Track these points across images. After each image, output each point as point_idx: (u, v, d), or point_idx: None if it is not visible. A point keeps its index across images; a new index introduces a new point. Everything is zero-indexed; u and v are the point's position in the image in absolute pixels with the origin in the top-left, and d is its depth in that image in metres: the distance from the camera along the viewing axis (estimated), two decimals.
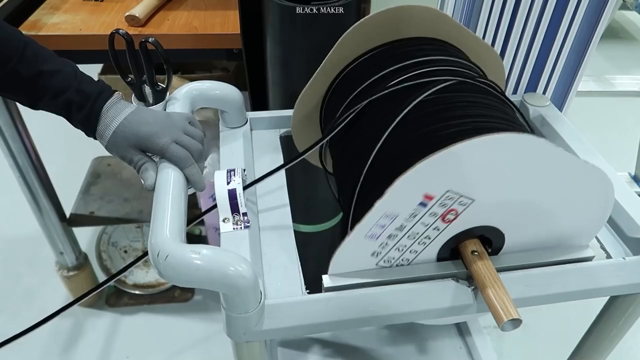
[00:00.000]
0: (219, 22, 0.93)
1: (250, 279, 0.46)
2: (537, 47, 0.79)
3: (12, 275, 1.56)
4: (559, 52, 0.80)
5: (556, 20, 0.76)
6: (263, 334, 0.50)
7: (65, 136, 1.52)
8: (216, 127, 0.72)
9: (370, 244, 0.49)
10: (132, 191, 1.36)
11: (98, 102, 0.57)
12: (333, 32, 0.67)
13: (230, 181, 0.58)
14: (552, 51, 0.80)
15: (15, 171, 1.12)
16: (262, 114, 0.75)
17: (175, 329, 1.40)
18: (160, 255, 0.45)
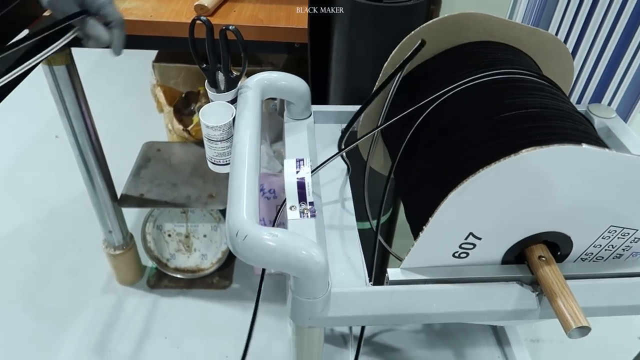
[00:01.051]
0: (284, 15, 0.94)
1: (322, 265, 0.47)
2: (607, 57, 0.78)
3: (58, 250, 1.63)
4: (629, 64, 0.79)
5: (629, 31, 0.74)
6: (328, 320, 0.51)
7: (119, 120, 1.58)
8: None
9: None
10: (181, 177, 1.40)
11: None
12: (400, 31, 0.67)
13: (299, 170, 0.59)
14: (621, 62, 0.79)
15: (75, 149, 1.17)
16: (326, 108, 0.76)
17: (212, 315, 1.43)
18: (239, 235, 0.47)
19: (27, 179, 1.89)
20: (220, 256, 1.49)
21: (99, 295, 1.49)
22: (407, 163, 0.62)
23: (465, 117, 0.53)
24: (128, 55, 2.59)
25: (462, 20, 0.63)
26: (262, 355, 1.34)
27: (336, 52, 0.80)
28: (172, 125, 1.54)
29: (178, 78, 1.65)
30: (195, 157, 1.47)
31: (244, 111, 0.63)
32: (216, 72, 0.67)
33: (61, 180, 1.88)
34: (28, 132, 2.08)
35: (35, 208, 1.78)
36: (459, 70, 0.60)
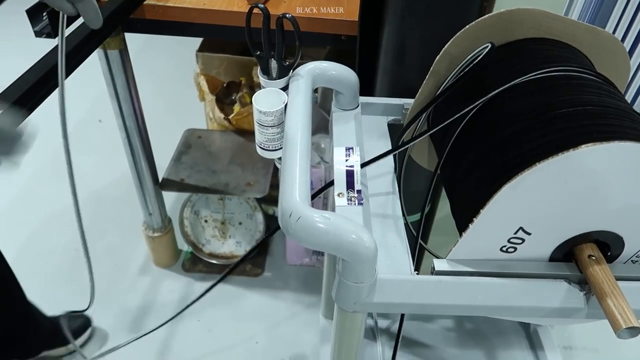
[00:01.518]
0: (333, 7, 0.95)
1: (372, 250, 0.48)
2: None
3: (98, 231, 1.68)
4: None
5: None
6: (372, 306, 0.52)
7: (160, 106, 1.61)
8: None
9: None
10: (220, 164, 1.43)
11: None
12: (453, 25, 0.67)
13: (348, 158, 0.60)
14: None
15: (123, 132, 1.20)
16: (373, 100, 0.77)
17: (244, 301, 1.46)
18: (292, 217, 0.48)
19: (72, 161, 1.96)
20: (254, 244, 1.52)
21: (136, 275, 1.54)
22: (456, 156, 0.62)
23: (520, 112, 0.53)
24: (172, 44, 2.66)
25: (518, 16, 0.62)
26: (291, 343, 1.36)
27: (385, 44, 0.81)
28: (213, 114, 1.57)
29: (220, 68, 1.68)
30: (234, 145, 1.50)
31: (296, 98, 0.64)
32: (269, 59, 0.68)
33: (103, 163, 1.94)
34: (72, 116, 2.14)
35: (78, 189, 1.84)
36: (514, 66, 0.60)
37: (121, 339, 1.35)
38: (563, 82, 0.56)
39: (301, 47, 0.66)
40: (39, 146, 1.00)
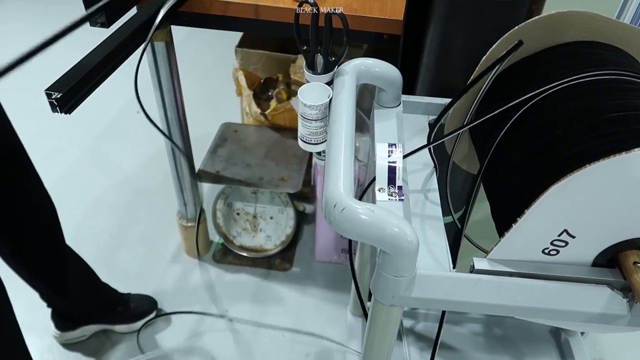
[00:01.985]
0: (377, 6, 0.96)
1: (414, 244, 0.48)
2: None
3: (133, 218, 1.73)
4: None
5: None
6: (410, 300, 0.52)
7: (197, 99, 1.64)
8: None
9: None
10: (255, 158, 1.45)
11: None
12: (500, 26, 0.67)
13: (390, 154, 0.61)
14: None
15: (163, 122, 1.23)
16: (415, 99, 0.77)
17: (271, 294, 1.48)
18: (337, 207, 0.49)
19: (109, 150, 2.02)
20: (284, 239, 1.54)
21: (168, 263, 1.57)
22: (499, 157, 0.62)
23: (570, 115, 0.53)
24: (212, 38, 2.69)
25: (568, 18, 0.62)
26: (317, 338, 1.37)
27: (430, 44, 0.81)
28: (249, 109, 1.59)
29: (258, 64, 1.70)
30: (269, 140, 1.52)
31: (342, 93, 0.65)
32: (315, 54, 0.69)
33: (140, 153, 1.99)
34: (112, 107, 2.21)
35: (115, 177, 1.89)
36: (562, 68, 0.59)
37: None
38: (613, 86, 0.55)
39: (348, 44, 0.67)
40: (78, 135, 1.04)
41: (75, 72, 0.67)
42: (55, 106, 0.64)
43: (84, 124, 2.10)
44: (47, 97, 0.63)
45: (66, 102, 0.65)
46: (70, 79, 0.66)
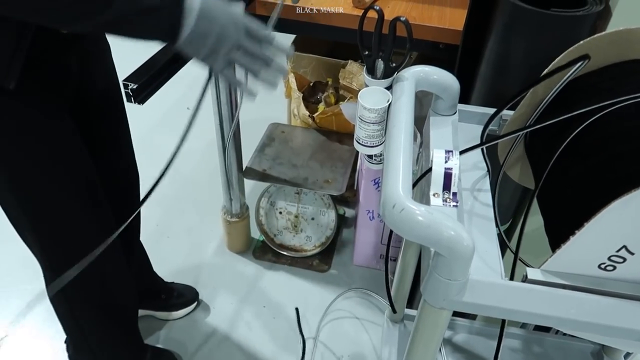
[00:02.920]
0: (436, 15, 0.97)
1: (470, 248, 0.49)
2: None
3: (179, 210, 1.79)
4: None
5: None
6: (461, 305, 0.53)
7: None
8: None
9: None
10: (301, 159, 1.48)
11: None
12: (563, 40, 0.67)
13: (447, 160, 0.62)
14: None
15: (217, 118, 1.28)
16: (471, 108, 0.78)
17: (308, 294, 1.50)
18: (395, 208, 0.50)
19: (159, 143, 2.09)
20: (323, 240, 1.56)
21: (209, 256, 1.62)
22: (556, 170, 0.62)
23: (635, 131, 0.52)
24: None
25: (635, 35, 0.61)
26: (351, 342, 1.38)
27: (488, 55, 0.81)
28: (297, 110, 1.63)
29: (308, 67, 1.73)
30: (315, 143, 1.55)
31: (401, 98, 0.66)
32: (376, 60, 0.71)
33: (189, 148, 2.04)
34: (164, 103, 2.29)
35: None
36: (628, 85, 0.59)
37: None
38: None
39: (410, 51, 0.68)
40: (132, 127, 1.10)
41: (150, 65, 0.71)
42: (131, 96, 0.68)
43: (138, 117, 2.17)
44: (124, 87, 0.67)
45: (140, 93, 0.68)
46: (145, 72, 0.70)
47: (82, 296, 1.02)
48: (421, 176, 0.67)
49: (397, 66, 0.70)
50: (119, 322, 1.13)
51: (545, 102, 0.67)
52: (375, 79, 0.71)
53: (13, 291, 1.48)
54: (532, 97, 0.67)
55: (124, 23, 0.60)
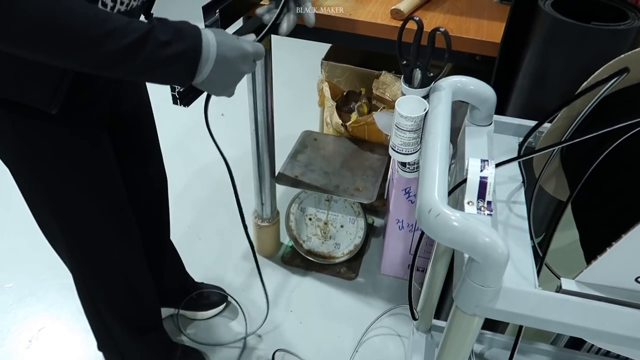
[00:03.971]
0: (473, 28, 0.98)
1: (504, 255, 0.49)
2: None
3: (211, 212, 1.83)
4: None
5: None
6: (494, 312, 0.54)
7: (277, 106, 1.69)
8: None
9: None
10: (332, 167, 1.50)
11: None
12: (603, 54, 0.67)
13: (483, 169, 0.62)
14: None
15: (252, 124, 1.31)
16: (507, 119, 0.78)
17: (335, 301, 1.51)
18: (431, 213, 0.51)
19: (194, 148, 2.15)
20: (352, 248, 1.57)
21: (239, 259, 1.65)
22: (593, 183, 0.62)
23: None
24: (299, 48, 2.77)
25: None
26: (376, 350, 1.38)
27: (526, 67, 0.82)
28: (330, 119, 1.65)
29: (342, 77, 1.76)
30: (347, 151, 1.56)
31: (438, 107, 0.67)
32: (414, 69, 0.72)
33: (227, 153, 2.10)
34: (199, 108, 2.35)
35: (198, 173, 2.01)
36: None
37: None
38: None
39: (448, 61, 0.69)
40: (167, 131, 1.14)
41: None
42: (177, 99, 0.71)
43: (174, 121, 2.24)
44: (171, 90, 0.71)
45: (185, 96, 0.72)
46: None
47: (108, 302, 1.08)
48: (455, 186, 0.68)
49: (434, 76, 0.72)
50: (145, 324, 1.17)
51: (583, 115, 0.67)
52: (413, 88, 0.73)
53: (52, 285, 1.54)
54: (569, 110, 0.67)
55: (146, 72, 0.65)
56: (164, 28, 0.64)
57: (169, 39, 0.63)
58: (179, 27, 0.65)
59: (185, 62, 0.66)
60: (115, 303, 1.09)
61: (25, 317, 1.46)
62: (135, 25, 0.62)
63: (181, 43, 0.64)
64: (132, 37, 0.61)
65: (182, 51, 0.65)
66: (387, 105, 1.58)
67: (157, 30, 0.63)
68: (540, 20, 0.78)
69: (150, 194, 1.15)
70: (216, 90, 0.74)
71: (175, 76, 0.67)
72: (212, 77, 0.69)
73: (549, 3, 0.78)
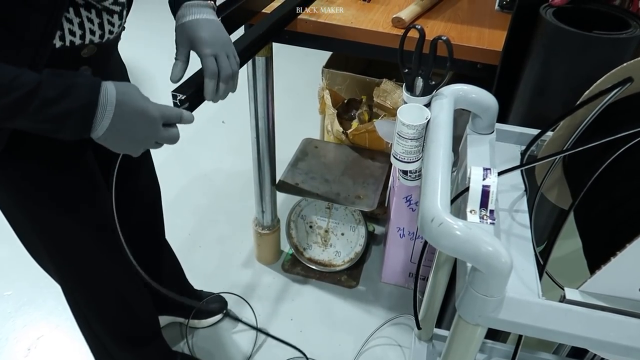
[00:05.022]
0: (474, 36, 0.98)
1: (508, 265, 0.49)
2: None
3: (211, 220, 1.82)
4: None
5: None
6: (497, 322, 0.53)
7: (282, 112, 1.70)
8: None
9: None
10: (333, 175, 1.49)
11: None
12: (606, 62, 0.67)
13: (485, 178, 0.62)
14: None
15: (253, 131, 1.31)
16: (509, 127, 0.78)
17: (336, 309, 1.50)
18: (434, 222, 0.51)
19: (195, 155, 2.15)
20: (352, 256, 1.56)
21: (239, 267, 1.64)
22: (596, 191, 0.62)
23: None
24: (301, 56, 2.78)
25: None
26: (377, 359, 1.37)
27: (528, 75, 0.82)
28: (331, 126, 1.65)
29: (343, 85, 1.76)
30: (348, 158, 1.56)
31: (440, 115, 0.67)
32: (416, 77, 0.72)
33: (222, 160, 2.10)
34: (200, 117, 2.35)
35: (199, 180, 2.01)
36: None
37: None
38: None
39: (450, 70, 0.69)
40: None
41: (196, 78, 0.74)
42: (179, 106, 0.71)
43: None
44: (173, 97, 0.71)
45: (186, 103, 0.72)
46: (192, 84, 0.73)
47: (100, 318, 1.07)
48: (457, 195, 0.68)
49: (436, 84, 0.71)
50: (141, 336, 1.16)
51: (585, 124, 0.67)
52: (414, 96, 0.73)
53: (51, 292, 1.53)
54: (571, 119, 0.67)
55: (35, 127, 0.62)
56: (55, 83, 0.60)
57: (57, 94, 0.59)
58: (72, 82, 0.61)
59: (75, 119, 0.62)
60: (107, 318, 1.07)
61: (24, 325, 1.45)
62: (20, 81, 0.57)
63: (70, 99, 0.60)
64: (14, 95, 0.57)
65: (71, 108, 0.60)
66: (388, 113, 1.58)
67: (45, 86, 0.59)
68: (541, 29, 0.78)
69: (142, 207, 1.14)
70: (116, 148, 0.68)
71: (69, 132, 0.63)
72: (109, 136, 0.65)
73: (550, 12, 0.79)
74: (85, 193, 0.88)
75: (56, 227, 0.88)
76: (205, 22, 0.77)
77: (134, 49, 2.82)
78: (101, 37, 0.73)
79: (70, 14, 0.67)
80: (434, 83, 0.71)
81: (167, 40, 0.93)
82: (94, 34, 0.71)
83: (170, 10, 0.81)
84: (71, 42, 0.69)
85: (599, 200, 0.61)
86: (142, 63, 2.63)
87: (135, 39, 2.86)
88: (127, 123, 0.65)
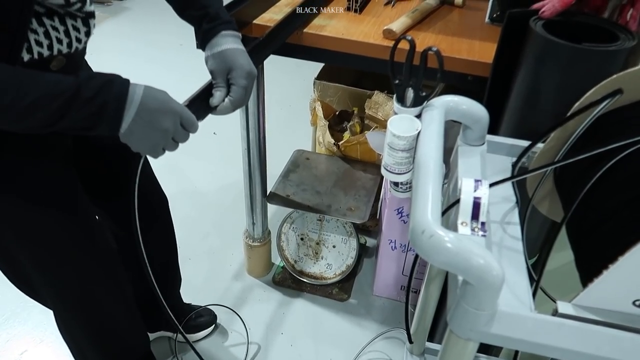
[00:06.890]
0: (465, 48, 0.98)
1: (499, 278, 0.48)
2: None
3: (201, 232, 1.80)
4: None
5: None
6: (489, 336, 0.52)
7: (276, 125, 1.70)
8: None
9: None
10: (325, 186, 1.48)
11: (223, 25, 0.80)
12: (595, 74, 0.67)
13: (476, 190, 0.62)
14: None
15: (244, 142, 1.30)
16: (500, 139, 0.78)
17: (327, 323, 1.48)
18: (424, 234, 0.50)
19: (185, 167, 2.13)
20: (344, 269, 1.54)
21: (229, 279, 1.62)
22: (587, 203, 0.61)
23: None
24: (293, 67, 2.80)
25: None
26: None
27: (518, 87, 0.82)
28: (323, 138, 1.64)
29: (334, 96, 1.76)
30: (339, 170, 1.55)
31: (430, 126, 0.67)
32: (406, 88, 0.72)
33: (213, 172, 2.09)
34: None
35: (188, 192, 1.99)
36: None
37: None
38: None
39: (440, 81, 0.69)
40: None
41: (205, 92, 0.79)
42: None
43: None
44: None
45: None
46: (198, 99, 0.79)
47: (90, 340, 1.06)
48: (448, 207, 0.67)
49: (426, 95, 0.71)
50: (130, 357, 1.14)
51: (576, 135, 0.66)
52: (405, 107, 0.72)
53: (35, 305, 1.49)
54: (562, 130, 0.67)
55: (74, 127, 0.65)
56: (90, 83, 0.64)
57: (94, 93, 0.63)
58: (108, 79, 0.66)
59: (109, 113, 0.66)
60: (96, 341, 1.06)
61: (7, 340, 1.42)
62: (60, 87, 0.62)
63: (104, 94, 0.64)
64: (58, 102, 0.61)
65: (107, 101, 0.65)
66: (380, 125, 1.58)
67: (83, 87, 0.63)
68: (531, 41, 0.78)
69: (149, 211, 1.12)
70: (139, 143, 0.71)
71: (105, 125, 0.66)
72: (135, 128, 0.68)
73: (540, 24, 0.79)
74: (67, 212, 0.87)
75: (47, 249, 0.87)
76: (241, 52, 0.81)
77: (119, 60, 2.82)
78: (69, 46, 0.73)
79: (33, 25, 0.67)
80: (425, 94, 0.71)
81: (152, 51, 0.92)
82: (61, 43, 0.71)
83: (195, 36, 0.85)
84: (39, 53, 0.69)
85: (590, 212, 0.60)
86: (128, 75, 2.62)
87: (122, 51, 2.86)
88: (153, 114, 0.68)
